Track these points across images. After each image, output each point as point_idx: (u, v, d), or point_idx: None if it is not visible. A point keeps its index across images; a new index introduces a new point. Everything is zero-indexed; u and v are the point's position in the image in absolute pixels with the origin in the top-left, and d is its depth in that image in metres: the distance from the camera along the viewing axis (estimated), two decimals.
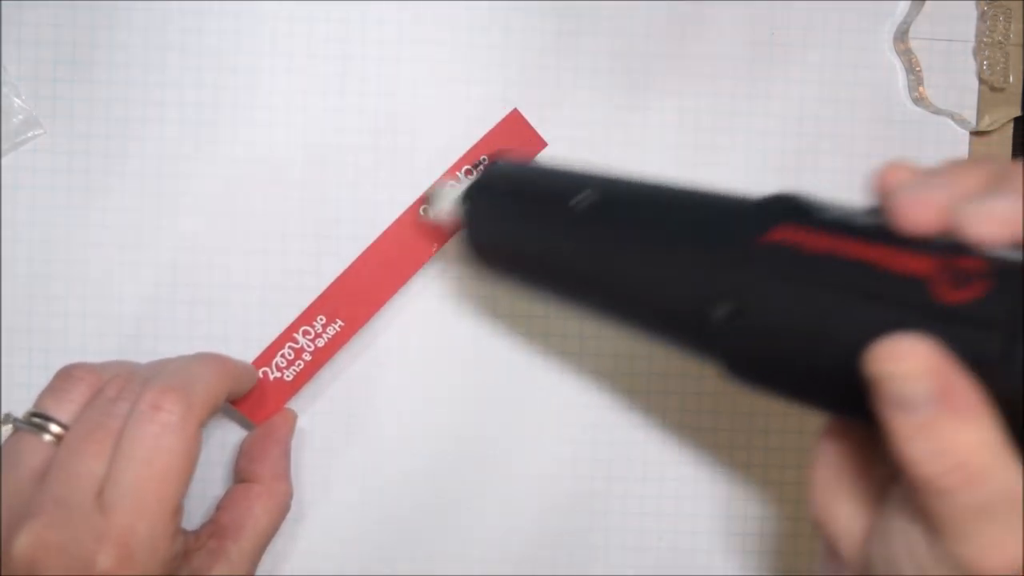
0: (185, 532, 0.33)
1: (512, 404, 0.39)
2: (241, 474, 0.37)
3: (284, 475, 0.36)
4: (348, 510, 0.39)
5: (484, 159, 0.37)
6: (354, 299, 0.37)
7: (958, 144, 0.40)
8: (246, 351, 0.38)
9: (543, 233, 0.32)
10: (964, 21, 0.40)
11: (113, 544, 0.29)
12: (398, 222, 0.37)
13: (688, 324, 0.27)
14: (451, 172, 0.37)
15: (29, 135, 0.38)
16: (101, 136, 0.38)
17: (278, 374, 0.37)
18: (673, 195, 0.30)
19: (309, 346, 0.37)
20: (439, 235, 0.37)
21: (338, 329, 0.37)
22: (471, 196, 0.34)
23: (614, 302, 0.30)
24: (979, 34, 0.39)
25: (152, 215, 0.38)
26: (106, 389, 0.32)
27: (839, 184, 0.40)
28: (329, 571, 0.39)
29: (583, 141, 0.39)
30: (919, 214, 0.22)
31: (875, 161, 0.40)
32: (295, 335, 0.37)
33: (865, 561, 0.25)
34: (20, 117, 0.38)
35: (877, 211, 0.24)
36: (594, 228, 0.30)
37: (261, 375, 0.37)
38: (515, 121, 0.38)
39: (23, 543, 0.29)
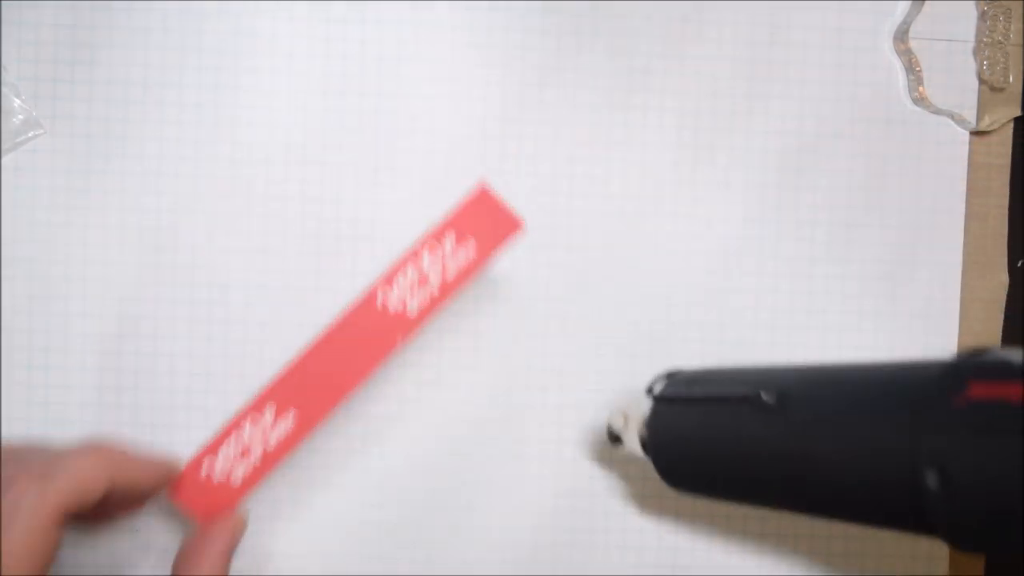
0: None
1: (512, 404, 0.39)
2: (176, 571, 0.34)
3: None
4: (348, 510, 0.39)
5: (659, 378, 0.35)
6: (309, 393, 0.33)
7: (958, 144, 0.40)
8: (244, 347, 0.37)
9: (741, 430, 0.31)
10: (964, 21, 0.40)
11: None
12: (356, 311, 0.34)
13: (900, 500, 0.26)
14: (412, 257, 0.34)
15: (29, 135, 0.38)
16: (101, 136, 0.38)
17: (223, 475, 0.33)
18: (856, 373, 0.29)
19: (258, 445, 0.33)
20: (404, 326, 0.34)
21: (290, 425, 0.33)
22: (654, 411, 0.34)
23: (819, 494, 0.29)
24: (979, 34, 0.39)
25: (152, 215, 0.38)
26: None
27: (839, 184, 0.40)
28: (329, 571, 0.39)
29: (583, 141, 0.39)
30: None
31: (875, 161, 0.40)
32: (241, 427, 0.33)
33: None
34: (20, 117, 0.38)
35: None
36: (788, 422, 0.29)
37: (205, 476, 0.34)
38: (484, 199, 0.34)
39: None
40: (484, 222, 0.34)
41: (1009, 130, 0.40)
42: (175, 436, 0.38)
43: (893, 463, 0.26)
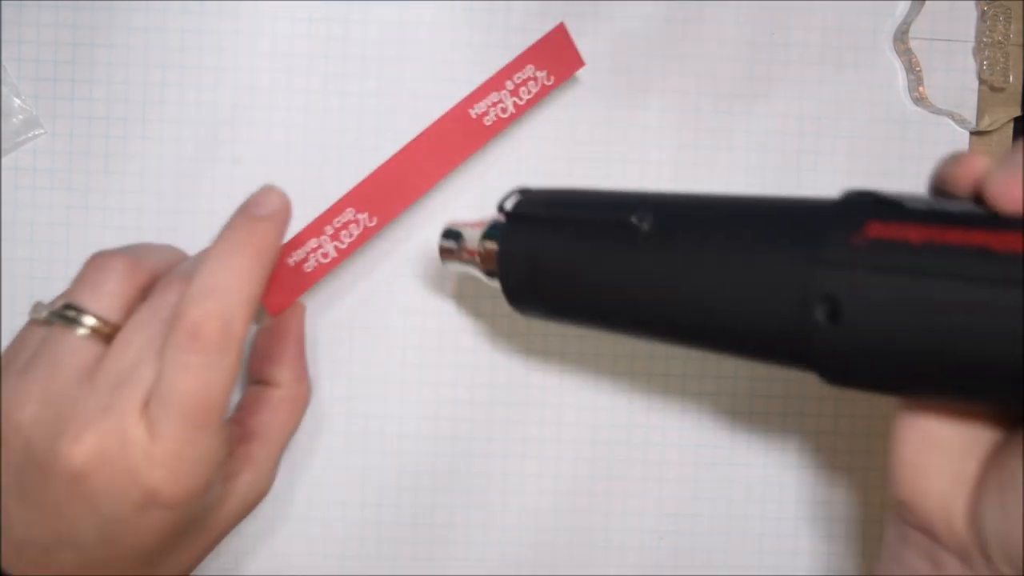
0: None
1: (512, 404, 0.39)
2: (259, 375, 0.36)
3: (304, 375, 0.36)
4: (348, 510, 0.39)
5: (511, 193, 0.33)
6: (386, 194, 0.36)
7: (958, 144, 0.40)
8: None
9: (606, 257, 0.29)
10: (964, 21, 0.40)
11: (159, 465, 0.28)
12: (441, 119, 0.36)
13: (783, 333, 0.26)
14: (497, 82, 0.37)
15: (29, 135, 0.38)
16: (101, 136, 0.38)
17: (296, 262, 0.35)
18: (742, 204, 0.28)
19: (333, 239, 0.35)
20: (481, 135, 0.36)
21: (367, 224, 0.35)
22: (506, 229, 0.32)
23: (694, 323, 0.28)
24: (979, 34, 0.39)
25: (152, 215, 0.38)
26: (155, 292, 0.31)
27: (839, 184, 0.40)
28: (329, 571, 0.39)
29: (583, 141, 0.39)
30: (1018, 193, 0.23)
31: (875, 161, 0.40)
32: (325, 227, 0.35)
33: (973, 538, 0.25)
34: (20, 117, 0.38)
35: (958, 200, 0.24)
36: (666, 245, 0.28)
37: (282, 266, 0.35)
38: (559, 35, 0.37)
39: (77, 453, 0.28)
40: (555, 56, 0.37)
41: (1009, 130, 0.40)
42: None
43: (782, 296, 0.25)
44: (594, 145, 0.39)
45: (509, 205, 0.33)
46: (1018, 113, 0.39)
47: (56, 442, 0.28)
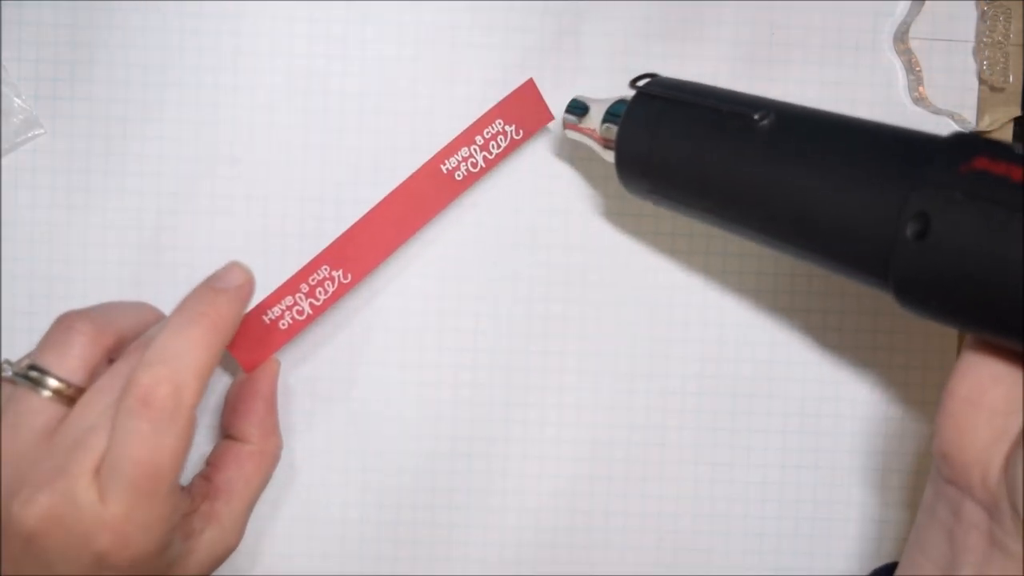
0: (182, 495, 0.32)
1: (512, 404, 0.39)
2: (228, 430, 0.36)
3: (273, 431, 0.36)
4: (348, 509, 0.39)
5: (643, 76, 0.34)
6: (360, 251, 0.36)
7: None
8: None
9: (724, 147, 0.31)
10: (964, 21, 0.40)
11: (108, 529, 0.29)
12: (414, 176, 0.37)
13: (871, 242, 0.27)
14: (467, 137, 0.37)
15: (29, 135, 0.38)
16: (101, 136, 0.38)
17: (271, 320, 0.36)
18: (860, 123, 0.29)
19: (309, 296, 0.36)
20: (452, 190, 0.37)
21: (342, 280, 0.36)
22: (633, 107, 0.33)
23: (793, 220, 0.29)
24: (979, 34, 0.39)
25: (152, 215, 0.38)
26: (120, 358, 0.32)
27: None
28: (329, 571, 0.39)
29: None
30: None
31: None
32: (300, 284, 0.36)
33: (1005, 490, 0.26)
34: (20, 117, 0.38)
35: None
36: (782, 145, 0.29)
37: (256, 324, 0.36)
38: (529, 90, 0.38)
39: (29, 514, 0.29)
40: (524, 111, 0.38)
41: (1009, 130, 0.40)
42: None
43: (879, 206, 0.26)
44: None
45: (641, 84, 0.34)
46: (1018, 113, 0.39)
47: (11, 501, 0.29)
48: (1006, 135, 0.40)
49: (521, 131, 0.38)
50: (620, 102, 0.34)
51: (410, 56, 0.39)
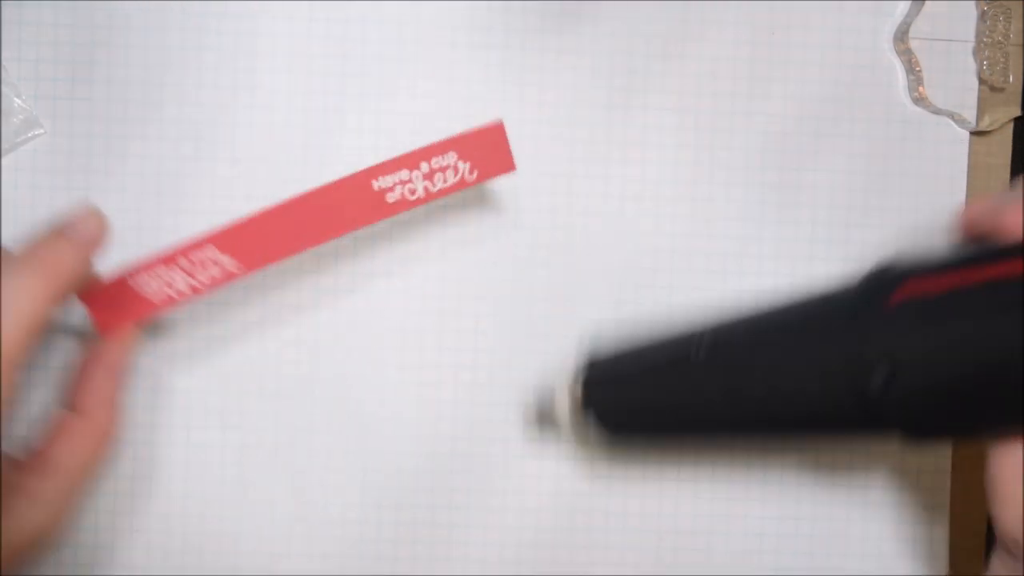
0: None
1: (512, 404, 0.39)
2: (67, 398, 0.33)
3: (109, 404, 0.33)
4: (348, 510, 0.39)
5: (580, 370, 0.36)
6: (255, 244, 0.33)
7: (958, 144, 0.40)
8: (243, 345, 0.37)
9: (677, 389, 0.33)
10: (964, 21, 0.40)
11: None
12: (338, 183, 0.34)
13: (848, 406, 0.27)
14: (412, 161, 0.34)
15: (29, 135, 0.38)
16: (101, 136, 0.38)
17: (139, 287, 0.33)
18: (779, 309, 0.31)
19: (187, 275, 0.33)
20: (380, 210, 0.34)
21: (230, 268, 0.33)
22: (588, 389, 0.35)
23: (774, 419, 0.31)
24: (979, 34, 0.39)
25: (152, 215, 0.38)
26: None
27: (839, 184, 0.40)
28: (329, 571, 0.39)
29: (582, 141, 0.39)
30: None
31: (875, 161, 0.40)
32: (179, 259, 0.33)
33: None
34: (20, 117, 0.38)
35: (964, 244, 0.27)
36: (723, 364, 0.31)
37: (123, 292, 0.33)
38: (495, 133, 0.35)
39: None
40: (485, 153, 0.35)
41: (1009, 130, 0.40)
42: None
43: (840, 371, 0.27)
44: (594, 145, 0.39)
45: (581, 382, 0.36)
46: (1018, 113, 0.39)
47: None
48: (1006, 135, 0.40)
49: (476, 172, 0.34)
50: (576, 397, 0.36)
51: (410, 56, 0.39)
